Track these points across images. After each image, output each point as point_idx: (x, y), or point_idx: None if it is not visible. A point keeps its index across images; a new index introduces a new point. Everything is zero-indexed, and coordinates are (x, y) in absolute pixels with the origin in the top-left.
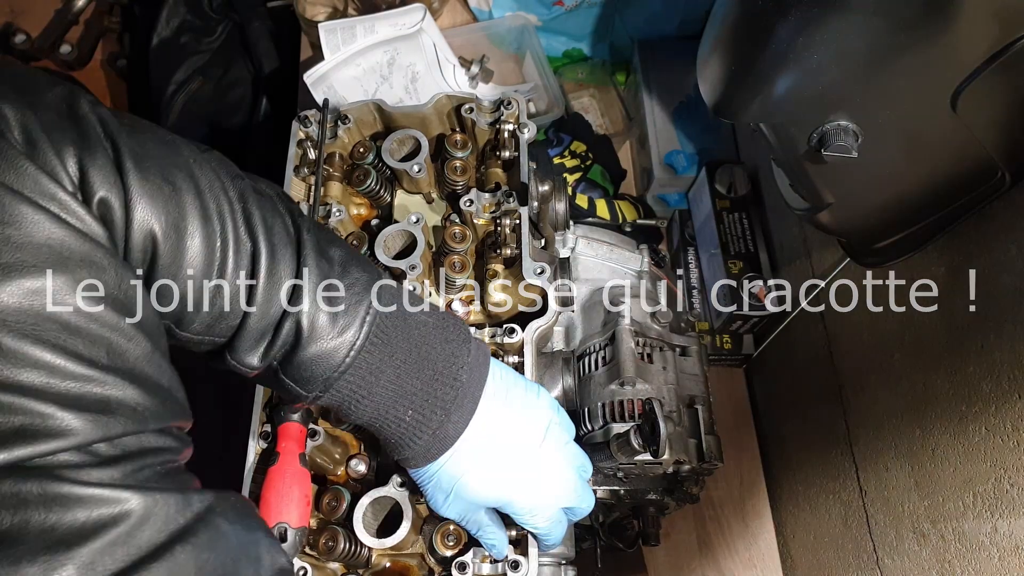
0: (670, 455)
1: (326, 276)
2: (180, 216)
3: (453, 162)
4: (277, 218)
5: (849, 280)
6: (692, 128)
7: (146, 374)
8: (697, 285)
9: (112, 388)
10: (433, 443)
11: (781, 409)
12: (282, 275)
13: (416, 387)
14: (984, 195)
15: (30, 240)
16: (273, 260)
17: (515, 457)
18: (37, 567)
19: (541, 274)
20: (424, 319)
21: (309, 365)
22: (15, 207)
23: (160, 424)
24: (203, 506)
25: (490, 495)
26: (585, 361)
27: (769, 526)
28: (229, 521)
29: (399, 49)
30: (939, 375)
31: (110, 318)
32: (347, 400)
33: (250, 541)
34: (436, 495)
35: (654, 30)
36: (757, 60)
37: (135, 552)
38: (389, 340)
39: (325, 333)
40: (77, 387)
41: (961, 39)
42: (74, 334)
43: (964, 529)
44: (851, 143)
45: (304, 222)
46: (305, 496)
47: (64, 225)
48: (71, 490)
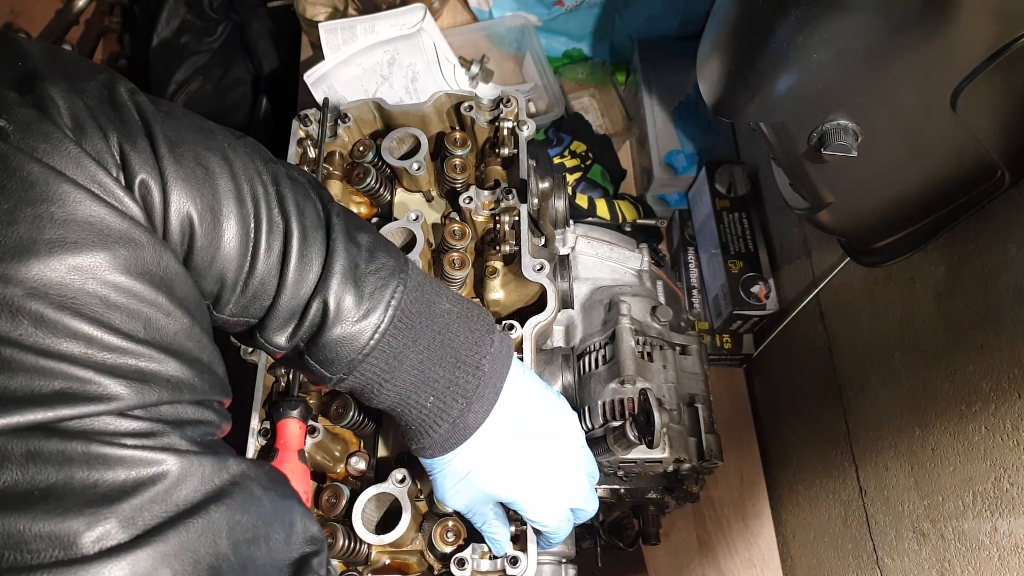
0: (670, 453)
1: (354, 260)
2: (215, 199)
3: (453, 160)
4: (308, 202)
5: (849, 280)
6: (692, 128)
7: (185, 348)
8: (697, 285)
9: (149, 361)
10: (452, 432)
11: (781, 409)
12: (312, 257)
13: (438, 374)
14: (984, 195)
15: (73, 218)
16: (304, 242)
17: (533, 453)
18: (82, 520)
19: (540, 271)
20: (448, 307)
21: (334, 347)
22: (60, 187)
23: (198, 396)
24: (239, 471)
25: (502, 489)
26: (585, 360)
27: (769, 526)
28: (263, 487)
29: (399, 49)
30: (939, 375)
31: (148, 293)
32: (370, 383)
33: (284, 508)
34: (446, 483)
35: (654, 30)
36: (757, 59)
37: (172, 509)
38: (413, 325)
39: (350, 315)
40: (113, 358)
41: (961, 38)
42: (112, 308)
43: (964, 528)
44: (851, 142)
45: (333, 207)
46: (304, 493)
47: (105, 205)
48: (112, 451)
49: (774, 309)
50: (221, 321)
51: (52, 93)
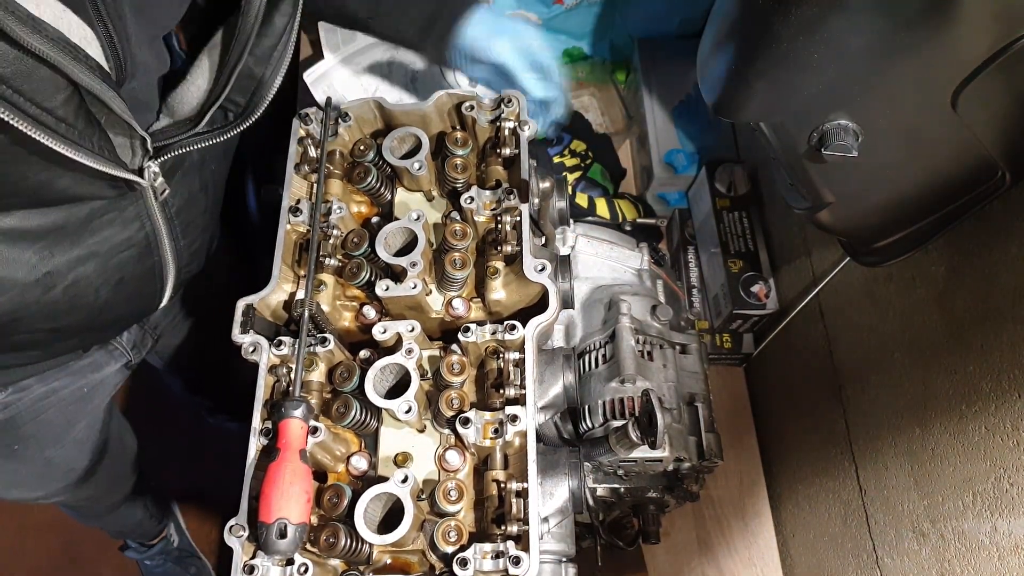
0: (670, 452)
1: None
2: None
3: (454, 160)
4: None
5: (849, 279)
6: (692, 127)
7: None
8: (697, 284)
9: None
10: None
11: (781, 408)
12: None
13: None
14: (984, 194)
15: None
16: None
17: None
18: None
19: (542, 271)
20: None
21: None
22: None
23: None
24: None
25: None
26: (585, 359)
27: (769, 525)
28: None
29: (399, 48)
30: (939, 374)
31: None
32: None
33: None
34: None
35: (654, 29)
36: (757, 59)
37: None
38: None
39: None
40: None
41: (961, 38)
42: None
43: (964, 528)
44: (851, 142)
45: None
46: (305, 492)
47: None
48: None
49: (774, 308)
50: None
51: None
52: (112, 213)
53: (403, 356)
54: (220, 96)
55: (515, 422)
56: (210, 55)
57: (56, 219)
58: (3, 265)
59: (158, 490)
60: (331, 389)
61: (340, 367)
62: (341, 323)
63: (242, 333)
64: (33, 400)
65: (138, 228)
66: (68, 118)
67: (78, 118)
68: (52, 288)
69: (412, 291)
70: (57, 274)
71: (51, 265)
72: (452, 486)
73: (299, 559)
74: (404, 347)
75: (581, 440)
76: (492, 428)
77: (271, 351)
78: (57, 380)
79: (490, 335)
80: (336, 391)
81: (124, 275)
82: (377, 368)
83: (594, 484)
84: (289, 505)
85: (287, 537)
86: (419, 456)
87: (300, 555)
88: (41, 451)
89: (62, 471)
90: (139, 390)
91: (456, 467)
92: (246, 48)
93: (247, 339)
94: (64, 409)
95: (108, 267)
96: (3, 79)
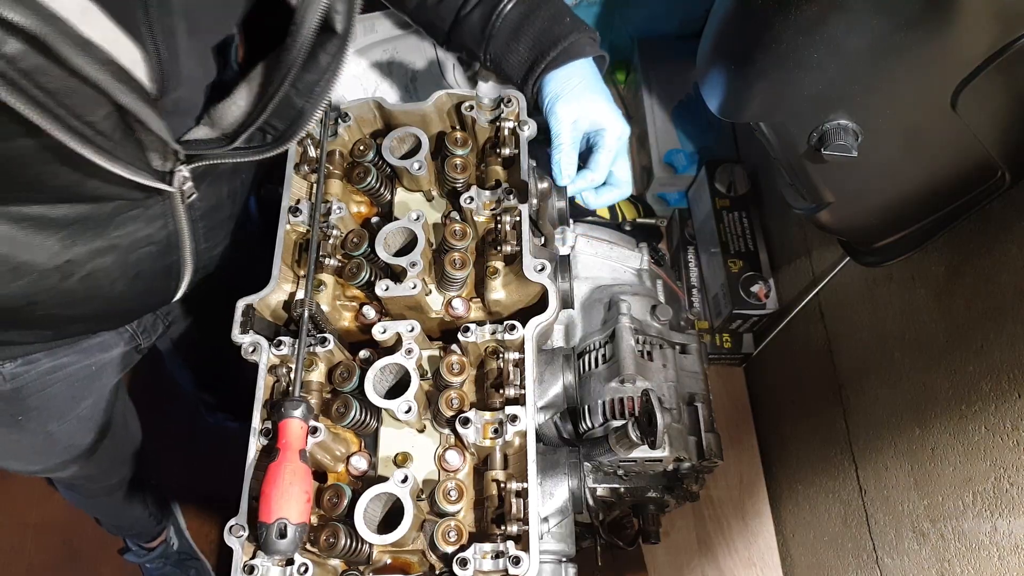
0: (670, 452)
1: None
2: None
3: (453, 160)
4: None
5: (849, 279)
6: (692, 127)
7: None
8: (697, 284)
9: None
10: (583, 38)
11: (781, 408)
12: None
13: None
14: (984, 194)
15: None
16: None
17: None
18: None
19: (542, 271)
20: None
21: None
22: None
23: None
24: None
25: (603, 107)
26: (585, 359)
27: (769, 525)
28: None
29: (399, 47)
30: (939, 374)
31: None
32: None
33: None
34: (565, 91)
35: (654, 29)
36: (757, 59)
37: None
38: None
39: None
40: None
41: (961, 38)
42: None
43: (964, 528)
44: (851, 142)
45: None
46: (305, 492)
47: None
48: None
49: (774, 308)
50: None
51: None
52: (137, 209)
53: (403, 356)
54: (259, 119)
55: (515, 422)
56: (254, 78)
57: (82, 211)
58: (26, 250)
59: (159, 489)
60: (331, 389)
61: (340, 367)
62: (341, 323)
63: (242, 333)
64: (40, 373)
65: (161, 226)
66: (106, 131)
67: (115, 131)
68: (70, 276)
69: (412, 291)
70: (76, 263)
71: (72, 254)
72: (452, 486)
73: (299, 559)
74: (404, 347)
75: (581, 440)
76: (492, 428)
77: (271, 351)
78: (66, 356)
79: (490, 335)
80: (336, 391)
81: (141, 270)
82: (377, 368)
83: (594, 484)
84: (289, 505)
85: (287, 537)
86: (419, 456)
87: (300, 555)
88: (43, 424)
89: (62, 446)
90: (139, 390)
91: (456, 467)
92: (286, 80)
93: (247, 339)
94: (71, 385)
95: (127, 261)
96: (50, 93)
